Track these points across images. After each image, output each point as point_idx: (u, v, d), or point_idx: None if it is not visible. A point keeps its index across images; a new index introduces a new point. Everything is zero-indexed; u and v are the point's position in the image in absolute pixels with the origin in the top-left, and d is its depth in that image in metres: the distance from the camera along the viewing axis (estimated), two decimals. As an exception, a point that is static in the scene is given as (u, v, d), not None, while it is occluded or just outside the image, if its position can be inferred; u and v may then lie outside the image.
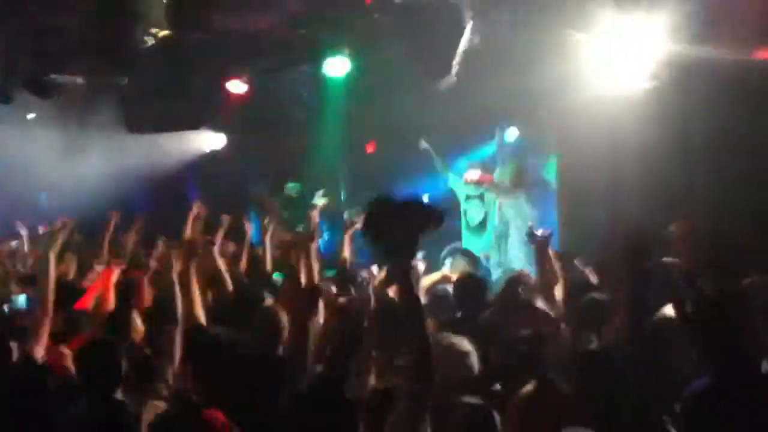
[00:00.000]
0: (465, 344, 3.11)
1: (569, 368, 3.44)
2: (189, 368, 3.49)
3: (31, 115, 8.63)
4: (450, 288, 4.48)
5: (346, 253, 5.68)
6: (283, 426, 2.73)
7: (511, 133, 7.84)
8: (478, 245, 7.54)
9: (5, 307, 4.14)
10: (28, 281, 4.56)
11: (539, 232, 4.80)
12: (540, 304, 4.03)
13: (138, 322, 4.18)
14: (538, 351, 3.47)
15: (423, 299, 4.26)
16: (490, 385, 3.22)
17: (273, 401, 3.15)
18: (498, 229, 7.51)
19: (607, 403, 2.86)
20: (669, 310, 3.34)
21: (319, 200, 6.34)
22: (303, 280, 4.37)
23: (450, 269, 5.61)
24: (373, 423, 2.62)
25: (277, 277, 5.32)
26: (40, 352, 3.50)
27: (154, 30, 7.34)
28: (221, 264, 4.84)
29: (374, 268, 5.45)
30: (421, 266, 4.96)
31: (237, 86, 8.40)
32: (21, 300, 4.29)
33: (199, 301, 3.85)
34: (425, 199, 2.27)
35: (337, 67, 7.49)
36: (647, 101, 5.68)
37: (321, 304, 3.94)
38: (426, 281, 4.86)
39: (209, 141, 9.90)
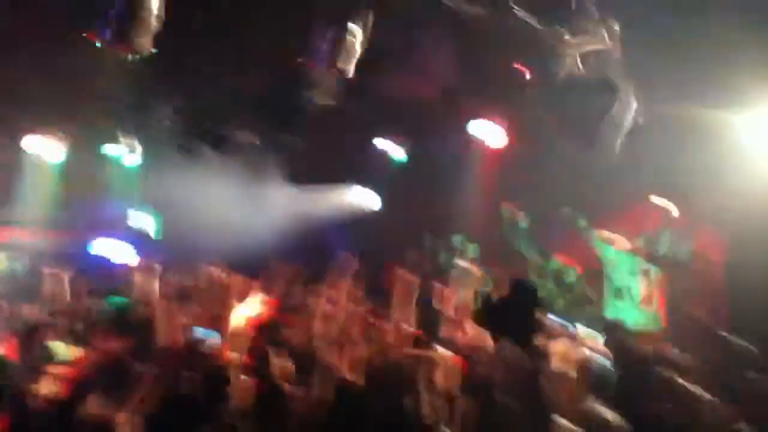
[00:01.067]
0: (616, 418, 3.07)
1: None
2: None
3: (204, 165, 9.43)
4: (601, 358, 4.38)
5: None
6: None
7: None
8: (621, 313, 7.35)
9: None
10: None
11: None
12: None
13: (282, 362, 4.44)
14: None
15: (573, 371, 4.21)
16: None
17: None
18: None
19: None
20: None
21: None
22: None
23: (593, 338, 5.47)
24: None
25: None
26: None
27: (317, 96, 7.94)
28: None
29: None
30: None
31: (392, 147, 8.90)
32: (213, 335, 4.68)
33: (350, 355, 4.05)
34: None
35: (490, 135, 7.71)
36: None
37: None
38: (571, 350, 4.77)
39: (363, 198, 10.42)
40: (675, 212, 7.62)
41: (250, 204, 9.44)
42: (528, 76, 7.18)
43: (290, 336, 4.89)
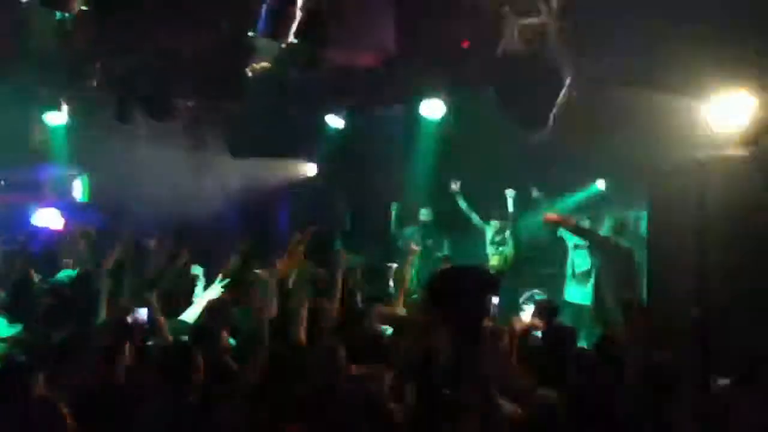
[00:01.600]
0: (551, 395, 3.23)
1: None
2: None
3: (140, 133, 9.14)
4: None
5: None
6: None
7: (599, 185, 7.91)
8: (581, 295, 7.60)
9: (129, 318, 4.48)
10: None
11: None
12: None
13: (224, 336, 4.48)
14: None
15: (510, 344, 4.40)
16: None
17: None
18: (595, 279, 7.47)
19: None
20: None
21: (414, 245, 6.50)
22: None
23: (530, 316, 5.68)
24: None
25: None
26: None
27: (257, 65, 7.79)
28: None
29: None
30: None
31: (334, 120, 8.83)
32: (143, 312, 4.64)
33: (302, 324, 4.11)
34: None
35: (432, 109, 7.72)
36: (744, 166, 5.69)
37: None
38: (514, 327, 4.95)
39: (303, 169, 10.36)
40: (602, 186, 7.91)
41: (189, 172, 9.26)
42: (468, 49, 7.23)
43: (236, 314, 4.91)
